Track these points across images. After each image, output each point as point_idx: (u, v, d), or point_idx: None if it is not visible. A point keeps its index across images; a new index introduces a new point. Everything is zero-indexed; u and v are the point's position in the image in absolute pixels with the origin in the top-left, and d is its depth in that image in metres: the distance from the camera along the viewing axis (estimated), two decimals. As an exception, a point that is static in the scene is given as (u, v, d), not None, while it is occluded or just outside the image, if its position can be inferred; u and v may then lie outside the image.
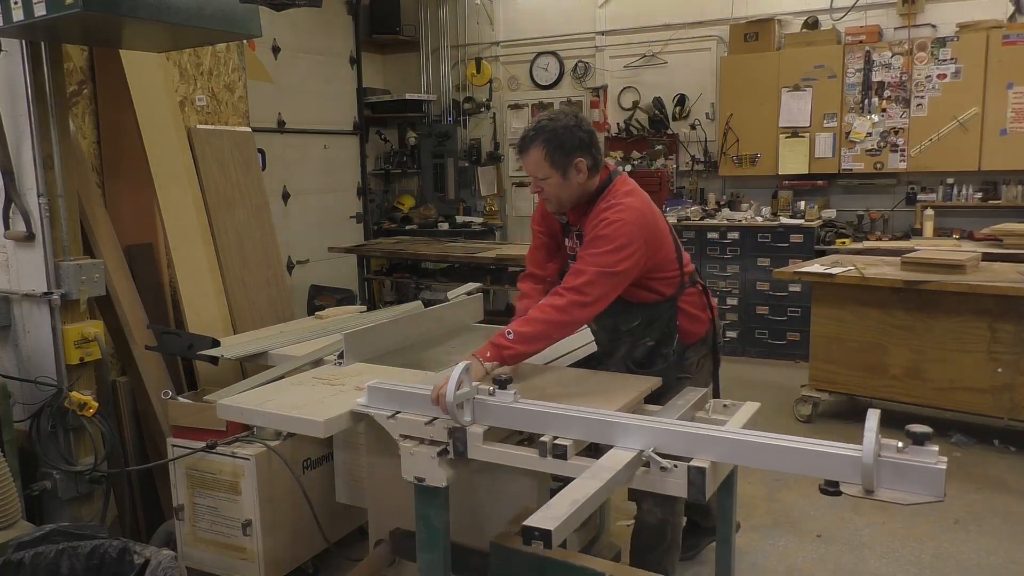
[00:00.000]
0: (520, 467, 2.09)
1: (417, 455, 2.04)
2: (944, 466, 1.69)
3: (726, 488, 2.20)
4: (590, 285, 2.37)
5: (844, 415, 5.07)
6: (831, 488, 1.74)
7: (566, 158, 2.48)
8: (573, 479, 1.82)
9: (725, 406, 2.33)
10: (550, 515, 1.65)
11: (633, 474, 1.91)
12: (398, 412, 2.20)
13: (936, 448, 1.70)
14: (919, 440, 1.70)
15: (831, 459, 1.74)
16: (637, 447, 1.92)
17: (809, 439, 1.80)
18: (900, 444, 1.71)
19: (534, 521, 1.62)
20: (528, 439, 2.19)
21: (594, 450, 2.04)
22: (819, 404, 4.95)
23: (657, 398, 2.44)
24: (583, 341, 2.98)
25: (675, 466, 1.87)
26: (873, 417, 1.68)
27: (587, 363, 2.85)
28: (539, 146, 2.48)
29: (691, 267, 2.76)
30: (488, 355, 2.30)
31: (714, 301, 2.84)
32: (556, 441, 1.98)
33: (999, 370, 4.25)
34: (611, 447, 1.95)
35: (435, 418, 2.13)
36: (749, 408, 2.25)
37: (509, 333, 2.33)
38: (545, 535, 1.60)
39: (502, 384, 2.10)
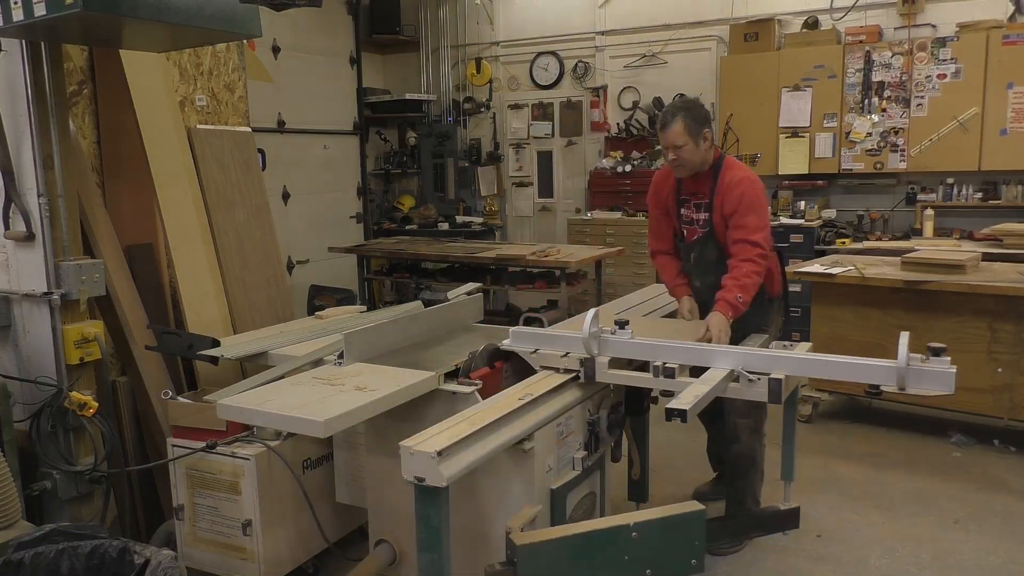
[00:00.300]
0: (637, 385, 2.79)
1: (417, 455, 2.04)
2: (954, 369, 2.30)
3: (790, 402, 3.01)
4: (764, 242, 3.16)
5: (844, 415, 5.06)
6: (873, 390, 2.47)
7: (699, 128, 3.17)
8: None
9: (785, 346, 2.96)
10: (682, 402, 2.23)
11: (727, 385, 2.50)
12: (538, 349, 2.80)
13: (948, 358, 2.33)
14: (936, 352, 2.34)
15: (874, 368, 2.42)
16: (729, 366, 2.52)
17: (856, 357, 2.51)
18: (923, 356, 2.34)
19: (674, 404, 2.21)
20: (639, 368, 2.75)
21: (694, 374, 2.57)
22: (819, 404, 4.95)
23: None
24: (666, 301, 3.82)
25: (759, 378, 2.47)
26: (905, 338, 2.31)
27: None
28: (680, 119, 3.16)
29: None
30: (730, 313, 3.03)
31: (784, 266, 3.54)
32: (666, 365, 2.56)
33: (999, 370, 4.25)
34: (707, 368, 2.53)
35: (568, 352, 2.72)
36: (806, 345, 2.97)
37: (739, 298, 3.06)
38: (682, 413, 2.17)
39: (621, 325, 2.69)
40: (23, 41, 2.88)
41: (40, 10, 2.45)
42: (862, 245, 6.04)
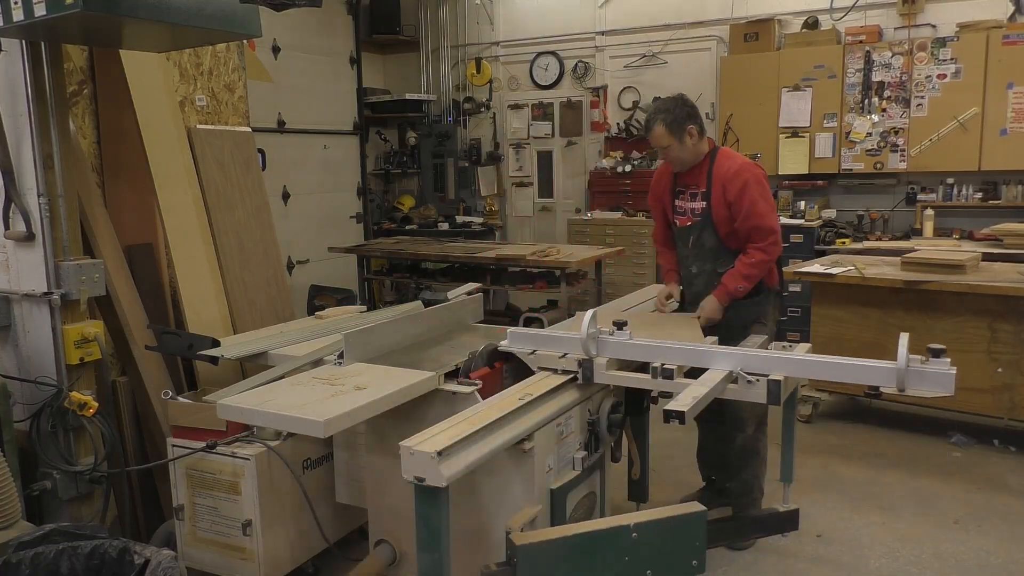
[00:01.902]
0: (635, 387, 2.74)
1: (417, 455, 2.04)
2: (954, 371, 2.30)
3: (789, 404, 2.96)
4: (775, 227, 3.26)
5: (844, 415, 5.06)
6: (873, 391, 2.49)
7: (681, 127, 3.26)
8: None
9: (784, 347, 2.94)
10: (680, 403, 2.24)
11: (726, 387, 2.49)
12: (536, 350, 2.78)
13: (948, 360, 2.32)
14: (936, 354, 2.33)
15: (874, 370, 2.42)
16: (727, 368, 2.52)
17: (856, 359, 2.51)
18: (922, 358, 2.33)
19: (672, 406, 2.22)
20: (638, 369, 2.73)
21: (693, 375, 2.56)
22: (819, 404, 4.95)
23: (730, 340, 3.04)
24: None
25: (757, 380, 2.47)
26: (904, 339, 2.31)
27: (683, 307, 3.56)
28: (660, 122, 3.27)
29: None
30: (726, 301, 3.21)
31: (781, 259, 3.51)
32: (664, 366, 2.55)
33: (999, 370, 4.25)
34: (706, 370, 2.54)
35: (566, 353, 2.71)
36: (805, 346, 2.91)
37: (740, 288, 3.21)
38: (680, 415, 2.18)
39: (620, 326, 2.69)
40: (23, 41, 2.88)
41: (40, 10, 2.45)
42: (862, 245, 6.04)
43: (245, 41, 4.34)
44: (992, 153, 5.89)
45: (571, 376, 2.70)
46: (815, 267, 4.90)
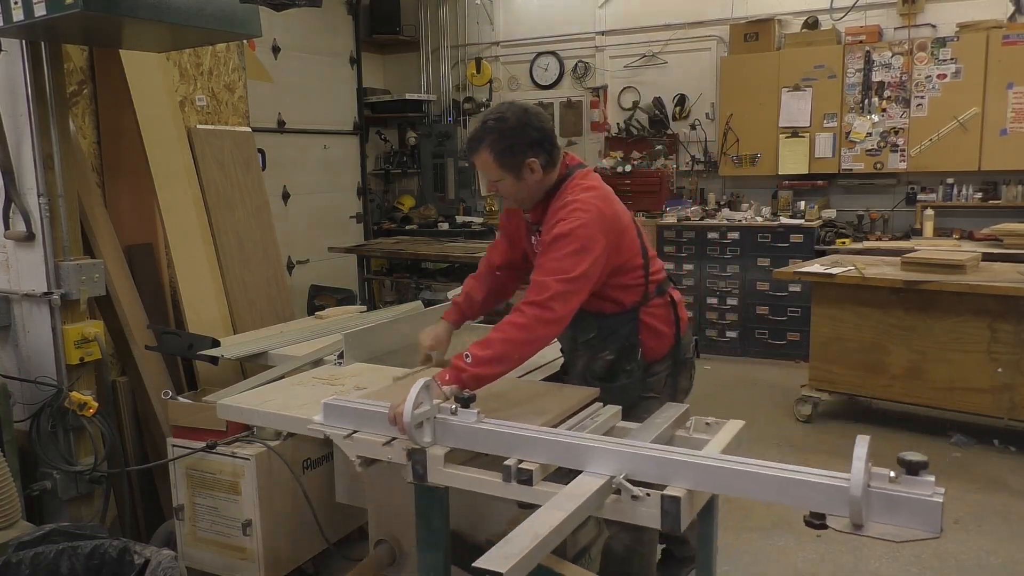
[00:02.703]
0: (483, 492, 1.92)
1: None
2: (941, 499, 1.49)
3: (706, 515, 1.93)
4: (553, 299, 2.17)
5: (844, 415, 5.06)
6: (816, 521, 1.60)
7: (515, 159, 2.31)
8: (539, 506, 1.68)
9: (708, 424, 2.16)
10: (506, 552, 1.50)
11: (603, 502, 1.77)
12: (355, 431, 2.09)
13: (932, 478, 1.51)
14: (913, 469, 1.51)
15: (816, 489, 1.60)
16: (608, 473, 1.78)
17: (794, 467, 1.66)
18: (892, 473, 1.54)
19: (486, 562, 1.46)
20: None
21: (566, 474, 1.86)
22: (819, 404, 4.95)
23: (624, 417, 2.26)
24: (553, 356, 2.84)
25: (648, 495, 1.72)
26: (862, 444, 1.52)
27: (556, 376, 2.73)
28: (486, 148, 2.32)
29: (661, 275, 2.54)
30: (447, 377, 2.10)
31: (685, 313, 2.59)
32: (521, 465, 1.84)
33: (999, 370, 4.25)
34: (580, 472, 1.81)
35: (393, 438, 2.02)
36: (732, 427, 2.09)
37: (467, 356, 2.13)
38: None
39: (465, 403, 1.98)
40: (23, 41, 2.88)
41: (40, 10, 2.45)
42: (862, 245, 6.04)
43: (245, 41, 4.34)
44: (992, 153, 5.89)
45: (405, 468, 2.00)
46: (815, 267, 4.90)
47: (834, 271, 4.70)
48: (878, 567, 3.25)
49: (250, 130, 4.22)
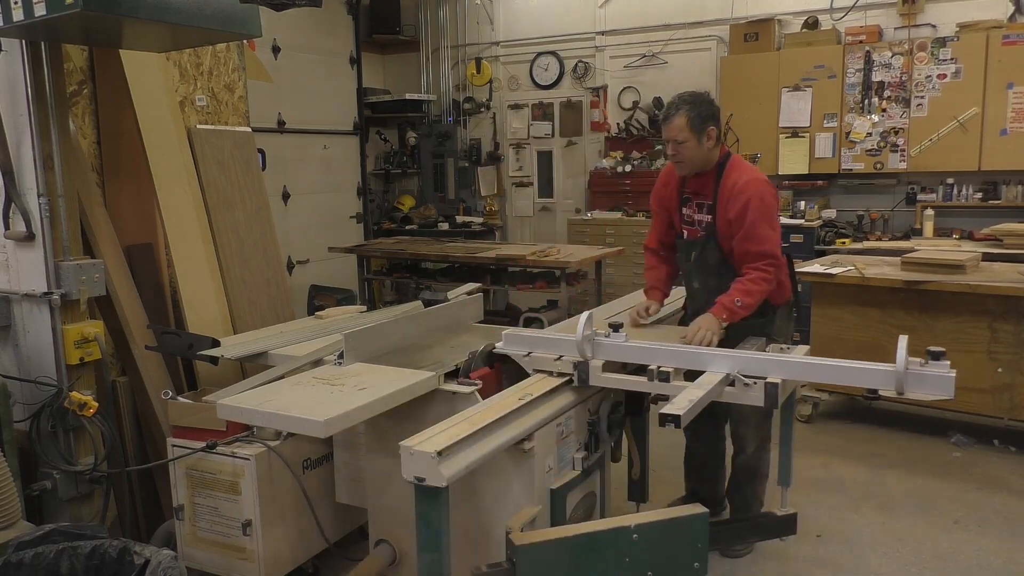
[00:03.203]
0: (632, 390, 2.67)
1: (417, 455, 2.04)
2: (953, 374, 2.27)
3: (788, 405, 2.81)
4: (773, 252, 3.00)
5: (844, 415, 5.06)
6: (871, 394, 2.50)
7: (703, 125, 3.00)
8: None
9: (782, 349, 2.82)
10: (676, 407, 2.20)
11: (723, 390, 2.44)
12: (531, 352, 2.74)
13: (948, 362, 2.29)
14: (936, 356, 2.30)
15: (872, 372, 2.41)
16: (724, 370, 2.47)
17: (855, 361, 2.46)
18: (922, 360, 2.29)
19: (668, 409, 2.17)
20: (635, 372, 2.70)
21: (690, 378, 2.52)
22: (819, 404, 4.94)
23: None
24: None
25: (755, 382, 2.42)
26: (903, 342, 2.27)
27: (684, 321, 3.38)
28: (684, 113, 3.00)
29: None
30: (724, 316, 2.91)
31: (796, 273, 3.36)
32: (661, 369, 2.49)
33: (999, 370, 4.25)
34: (703, 372, 2.49)
35: (562, 355, 2.67)
36: (803, 348, 2.81)
37: (737, 301, 2.92)
38: (676, 418, 2.14)
39: (615, 328, 2.65)
40: (23, 41, 2.88)
41: (40, 10, 2.45)
42: (862, 245, 6.04)
43: (245, 41, 4.34)
44: (992, 153, 5.89)
45: (567, 379, 2.67)
46: (815, 267, 4.90)
47: (834, 271, 4.70)
48: (878, 566, 3.25)
49: (250, 130, 4.22)
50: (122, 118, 3.54)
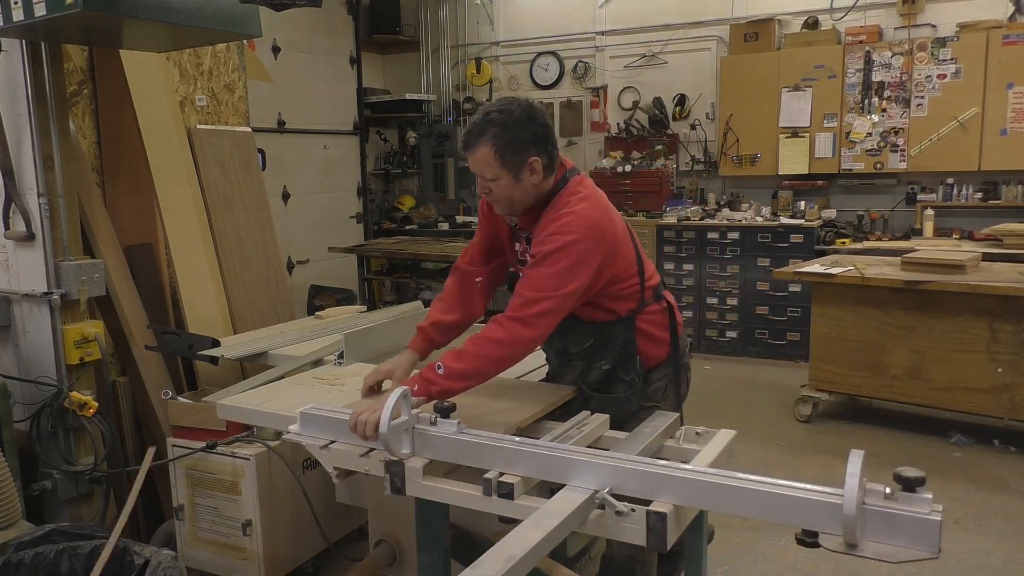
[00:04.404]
0: (461, 506, 1.86)
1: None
2: (939, 516, 1.43)
3: (695, 529, 1.87)
4: (539, 316, 2.11)
5: (844, 415, 5.06)
6: (809, 539, 1.50)
7: (518, 156, 2.18)
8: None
9: (698, 434, 2.09)
10: (484, 571, 1.41)
11: (586, 518, 1.70)
12: (332, 442, 2.03)
13: (930, 495, 1.45)
14: (910, 486, 1.45)
15: (808, 506, 1.51)
16: (591, 487, 1.70)
17: (785, 481, 1.57)
18: (888, 490, 1.48)
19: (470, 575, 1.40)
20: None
21: (550, 487, 1.82)
22: (819, 404, 4.94)
23: (620, 428, 2.21)
24: (537, 364, 2.75)
25: (632, 510, 1.64)
26: (856, 459, 1.46)
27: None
28: (488, 142, 2.18)
29: (655, 279, 2.45)
30: (416, 389, 2.02)
31: (680, 317, 2.50)
32: (502, 478, 1.77)
33: (999, 370, 4.25)
34: (563, 486, 1.74)
35: (371, 449, 1.95)
36: (723, 437, 2.03)
37: (439, 367, 2.06)
38: None
39: (444, 412, 1.90)
40: (23, 41, 2.88)
41: (40, 10, 2.46)
42: (862, 245, 6.04)
43: (245, 41, 4.34)
44: (992, 153, 5.88)
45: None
46: (815, 267, 4.90)
47: (834, 271, 4.70)
48: (878, 566, 3.25)
49: (250, 130, 4.22)
50: (122, 118, 3.54)
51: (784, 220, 6.50)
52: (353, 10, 7.85)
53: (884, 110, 6.25)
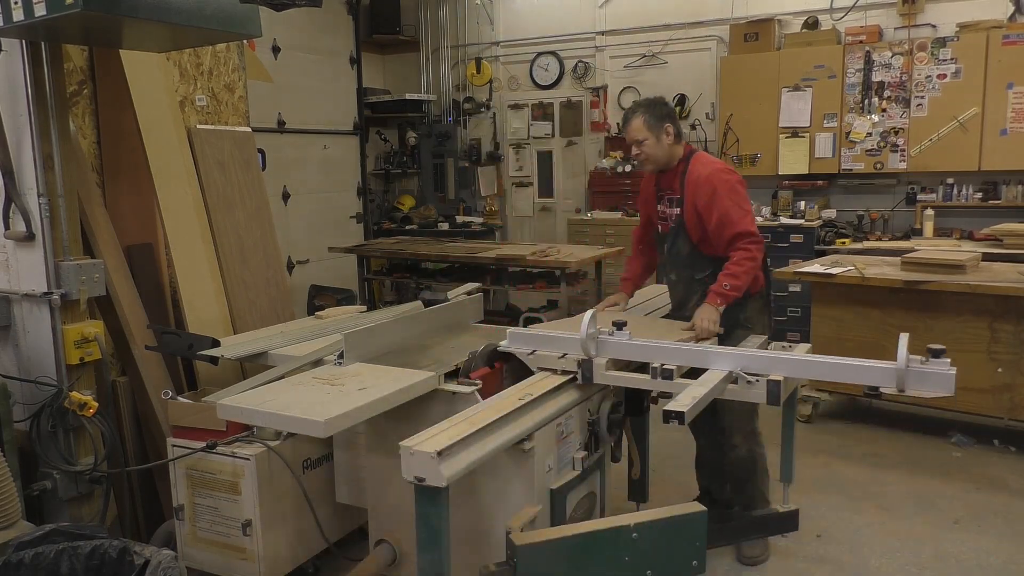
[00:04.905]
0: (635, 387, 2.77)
1: (417, 455, 2.04)
2: (954, 371, 2.30)
3: (790, 401, 2.97)
4: (748, 231, 3.13)
5: (844, 415, 5.06)
6: (872, 391, 2.61)
7: (658, 123, 3.22)
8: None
9: (784, 347, 2.95)
10: (680, 404, 2.23)
11: (726, 387, 2.49)
12: (535, 350, 2.78)
13: (948, 360, 2.32)
14: (936, 354, 2.34)
15: (873, 370, 2.44)
16: (727, 368, 2.52)
17: (857, 359, 2.52)
18: (922, 358, 2.34)
19: (672, 406, 2.21)
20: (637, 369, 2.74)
21: (693, 375, 2.57)
22: (819, 404, 4.94)
23: (721, 343, 3.01)
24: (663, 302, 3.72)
25: (757, 380, 2.47)
26: (904, 339, 2.32)
27: (670, 312, 3.53)
28: (639, 115, 3.24)
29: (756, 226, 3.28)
30: (718, 302, 3.05)
31: (768, 263, 3.41)
32: (664, 366, 2.55)
33: (999, 370, 4.25)
34: (706, 370, 2.54)
35: (566, 353, 2.71)
36: (805, 346, 2.92)
37: (726, 285, 3.07)
38: (680, 415, 2.18)
39: (619, 326, 2.70)
40: (23, 41, 2.88)
41: (40, 10, 2.45)
42: (862, 245, 6.04)
43: (245, 41, 4.34)
44: (992, 153, 5.89)
45: (571, 376, 2.70)
46: (815, 267, 4.90)
47: (834, 271, 4.70)
48: (878, 566, 3.25)
49: (250, 130, 4.22)
50: (122, 118, 3.54)
51: (784, 220, 6.50)
52: (353, 10, 7.85)
53: (884, 110, 6.25)
